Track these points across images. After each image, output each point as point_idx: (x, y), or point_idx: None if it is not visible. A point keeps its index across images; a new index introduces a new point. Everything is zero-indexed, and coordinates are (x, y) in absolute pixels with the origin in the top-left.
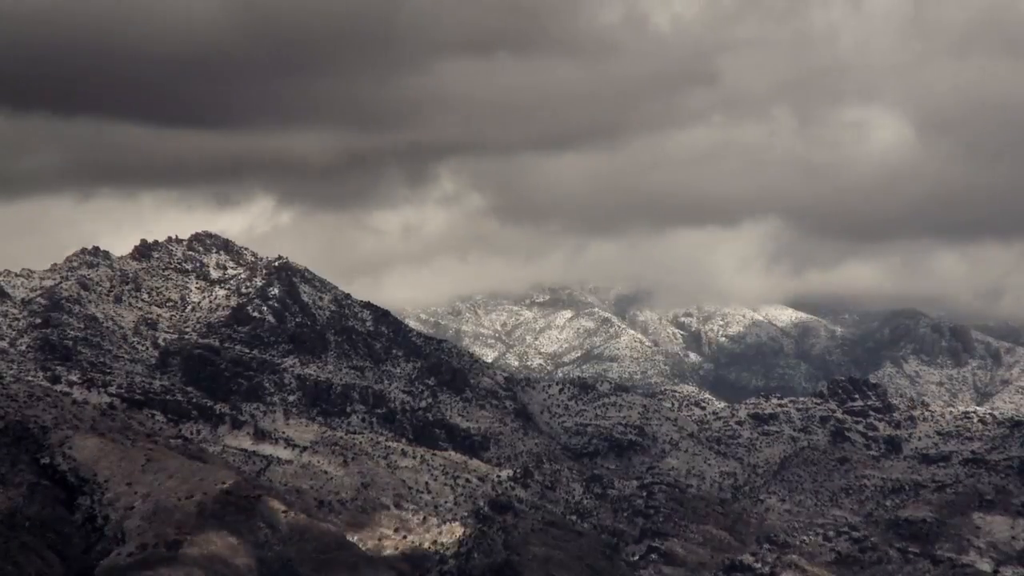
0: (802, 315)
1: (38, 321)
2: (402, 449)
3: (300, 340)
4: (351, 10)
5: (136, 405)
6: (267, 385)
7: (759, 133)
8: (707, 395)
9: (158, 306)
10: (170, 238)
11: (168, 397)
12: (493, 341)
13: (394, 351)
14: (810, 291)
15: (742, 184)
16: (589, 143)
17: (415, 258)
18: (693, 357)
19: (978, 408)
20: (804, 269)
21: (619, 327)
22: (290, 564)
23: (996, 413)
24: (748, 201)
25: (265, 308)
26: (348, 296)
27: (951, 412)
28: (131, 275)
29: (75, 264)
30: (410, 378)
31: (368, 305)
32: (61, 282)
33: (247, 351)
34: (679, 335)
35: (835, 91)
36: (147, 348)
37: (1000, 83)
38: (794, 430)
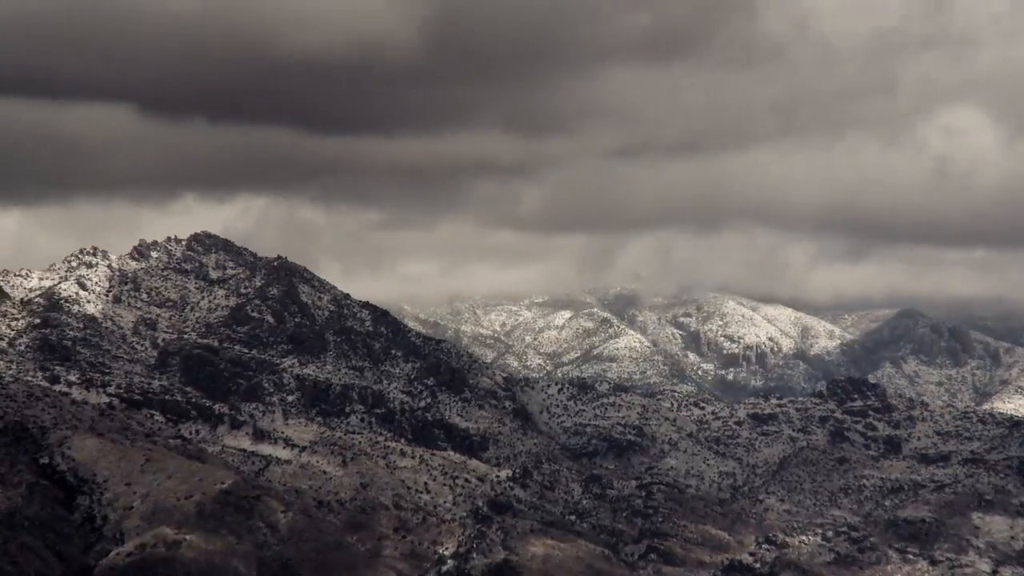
0: (801, 315)
1: (37, 321)
2: (401, 449)
3: (299, 340)
4: (519, 16)
5: (135, 405)
6: (266, 385)
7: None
8: (706, 395)
9: (157, 306)
10: (169, 238)
11: (167, 397)
12: (492, 341)
13: (393, 351)
14: (814, 291)
15: (808, 191)
16: (713, 149)
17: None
18: (692, 357)
19: (977, 408)
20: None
21: (618, 327)
22: (289, 564)
23: (995, 413)
24: (808, 207)
25: (264, 308)
26: (347, 296)
27: (950, 412)
28: (130, 275)
29: (74, 264)
30: (409, 378)
31: (367, 305)
32: (60, 282)
33: (246, 351)
34: (678, 335)
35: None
36: (146, 348)
37: None
38: (793, 430)
